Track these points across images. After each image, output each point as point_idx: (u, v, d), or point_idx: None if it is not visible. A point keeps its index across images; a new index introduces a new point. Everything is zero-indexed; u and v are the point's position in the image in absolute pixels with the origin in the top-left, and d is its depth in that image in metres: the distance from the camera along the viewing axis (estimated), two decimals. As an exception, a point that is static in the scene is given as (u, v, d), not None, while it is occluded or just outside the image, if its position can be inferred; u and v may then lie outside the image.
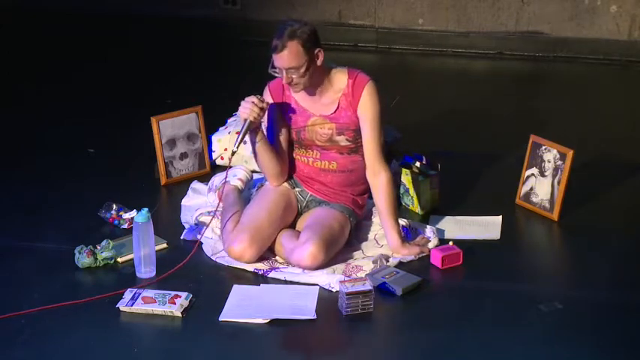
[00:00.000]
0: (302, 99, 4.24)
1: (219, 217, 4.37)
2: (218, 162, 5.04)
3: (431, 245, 4.26)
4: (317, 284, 4.01)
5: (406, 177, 4.58)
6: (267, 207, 4.25)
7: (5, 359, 3.60)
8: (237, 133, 4.16)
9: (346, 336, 3.82)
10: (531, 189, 4.63)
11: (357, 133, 4.23)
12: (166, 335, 3.78)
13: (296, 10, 6.89)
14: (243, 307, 3.87)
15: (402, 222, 4.35)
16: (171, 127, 4.90)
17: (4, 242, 4.35)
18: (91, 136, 5.43)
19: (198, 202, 4.65)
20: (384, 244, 4.28)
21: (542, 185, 4.59)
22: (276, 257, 4.22)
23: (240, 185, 4.58)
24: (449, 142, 5.36)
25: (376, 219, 4.41)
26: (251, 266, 4.14)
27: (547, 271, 4.28)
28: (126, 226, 4.45)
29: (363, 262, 4.16)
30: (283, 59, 4.03)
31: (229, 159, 4.29)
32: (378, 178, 4.21)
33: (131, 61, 6.69)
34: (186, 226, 4.48)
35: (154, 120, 4.86)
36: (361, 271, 4.09)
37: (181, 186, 4.84)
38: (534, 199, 4.62)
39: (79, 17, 7.05)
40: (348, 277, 4.02)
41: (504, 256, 4.27)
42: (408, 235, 4.33)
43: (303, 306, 3.87)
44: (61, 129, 5.52)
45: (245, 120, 4.10)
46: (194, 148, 4.96)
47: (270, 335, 3.76)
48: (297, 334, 3.77)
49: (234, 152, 4.16)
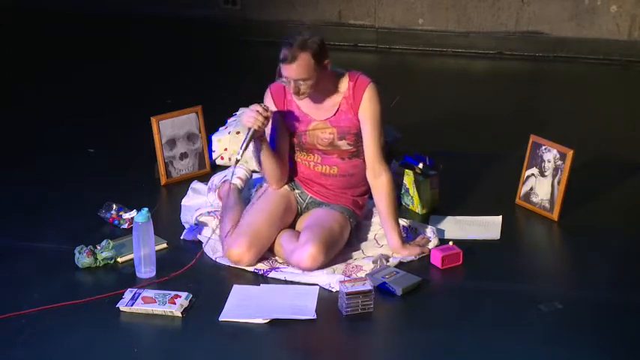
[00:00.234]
0: (303, 103, 4.22)
1: (220, 217, 4.37)
2: (218, 162, 5.04)
3: (431, 245, 4.26)
4: (317, 284, 4.01)
5: (407, 177, 4.58)
6: (266, 209, 4.24)
7: (5, 359, 3.60)
8: (238, 132, 4.16)
9: (346, 336, 3.82)
10: (531, 189, 4.63)
11: (358, 137, 4.22)
12: (166, 335, 3.78)
13: (296, 10, 6.89)
14: (243, 307, 3.87)
15: (403, 222, 4.35)
16: (171, 127, 4.89)
17: (4, 242, 4.35)
18: (91, 136, 5.42)
19: (198, 202, 4.65)
20: (384, 244, 4.28)
21: (542, 185, 4.59)
22: (276, 257, 4.22)
23: (239, 184, 4.58)
24: (449, 142, 5.35)
25: (376, 219, 4.41)
26: (251, 266, 4.14)
27: (547, 271, 4.27)
28: (126, 226, 4.45)
29: (363, 262, 4.15)
30: (293, 70, 3.98)
31: (234, 165, 4.31)
32: (378, 180, 4.21)
33: (131, 61, 6.69)
34: (186, 226, 4.47)
35: (154, 120, 4.86)
36: (361, 271, 4.09)
37: (181, 186, 4.83)
38: (534, 199, 4.62)
39: (79, 17, 7.05)
40: (348, 277, 4.02)
41: (504, 256, 4.27)
42: (408, 235, 4.33)
43: (303, 306, 3.87)
44: (61, 129, 5.51)
45: (249, 128, 4.09)
46: (194, 148, 4.96)
47: (270, 335, 3.75)
48: (297, 334, 3.77)
49: (238, 160, 4.13)
